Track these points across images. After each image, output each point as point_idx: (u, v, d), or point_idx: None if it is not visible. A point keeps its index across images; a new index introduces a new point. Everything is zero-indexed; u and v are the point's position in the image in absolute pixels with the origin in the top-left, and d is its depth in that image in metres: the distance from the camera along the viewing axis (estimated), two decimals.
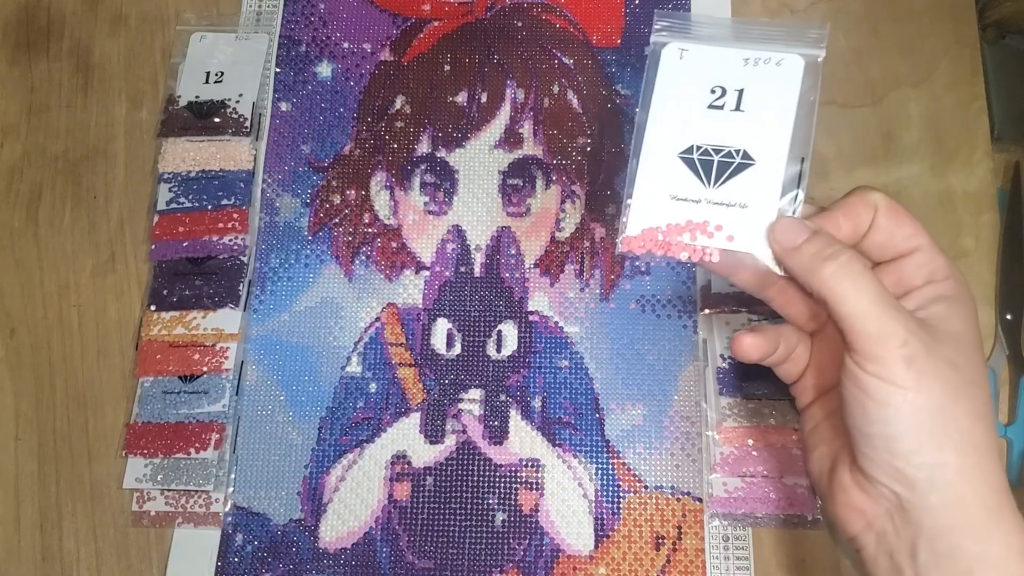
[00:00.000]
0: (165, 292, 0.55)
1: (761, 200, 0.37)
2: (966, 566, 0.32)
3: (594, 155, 0.57)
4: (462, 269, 0.55)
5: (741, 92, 0.38)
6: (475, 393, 0.53)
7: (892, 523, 0.34)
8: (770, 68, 0.38)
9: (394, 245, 0.56)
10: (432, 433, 0.52)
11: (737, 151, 0.37)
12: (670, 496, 0.51)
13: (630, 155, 0.38)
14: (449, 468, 0.51)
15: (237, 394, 0.53)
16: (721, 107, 0.38)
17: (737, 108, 0.37)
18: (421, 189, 0.57)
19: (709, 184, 0.37)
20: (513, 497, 0.51)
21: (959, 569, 0.32)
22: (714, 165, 0.37)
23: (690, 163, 0.38)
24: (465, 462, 0.52)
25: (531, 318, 0.54)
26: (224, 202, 0.56)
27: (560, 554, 0.50)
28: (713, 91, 0.38)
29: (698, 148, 0.38)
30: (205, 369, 0.53)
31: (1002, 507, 0.33)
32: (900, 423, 0.32)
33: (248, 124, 0.57)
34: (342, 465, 0.52)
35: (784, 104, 0.37)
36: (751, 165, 0.37)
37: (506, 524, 0.50)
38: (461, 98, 0.58)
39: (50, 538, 0.51)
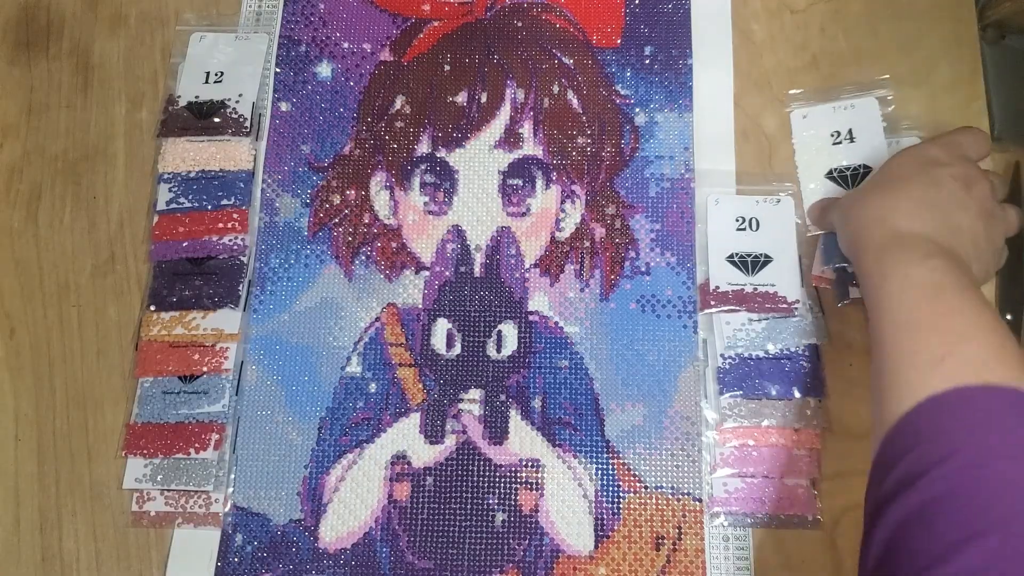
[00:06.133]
0: (165, 292, 0.55)
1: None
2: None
3: (594, 155, 0.57)
4: (462, 269, 0.55)
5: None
6: (475, 393, 0.53)
7: None
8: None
9: (394, 245, 0.56)
10: (432, 433, 0.52)
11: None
12: (670, 496, 0.51)
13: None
14: (449, 468, 0.51)
15: (237, 394, 0.53)
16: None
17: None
18: (421, 189, 0.57)
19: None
20: (513, 497, 0.51)
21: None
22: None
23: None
24: (465, 462, 0.51)
25: (531, 318, 0.54)
26: (224, 202, 0.56)
27: (560, 554, 0.50)
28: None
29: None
30: (205, 369, 0.53)
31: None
32: (836, 226, 0.51)
33: (248, 124, 0.57)
34: (342, 465, 0.52)
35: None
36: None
37: (506, 524, 0.50)
38: (461, 98, 0.58)
39: (50, 538, 0.51)
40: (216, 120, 0.57)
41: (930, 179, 0.47)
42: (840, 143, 0.55)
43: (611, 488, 0.51)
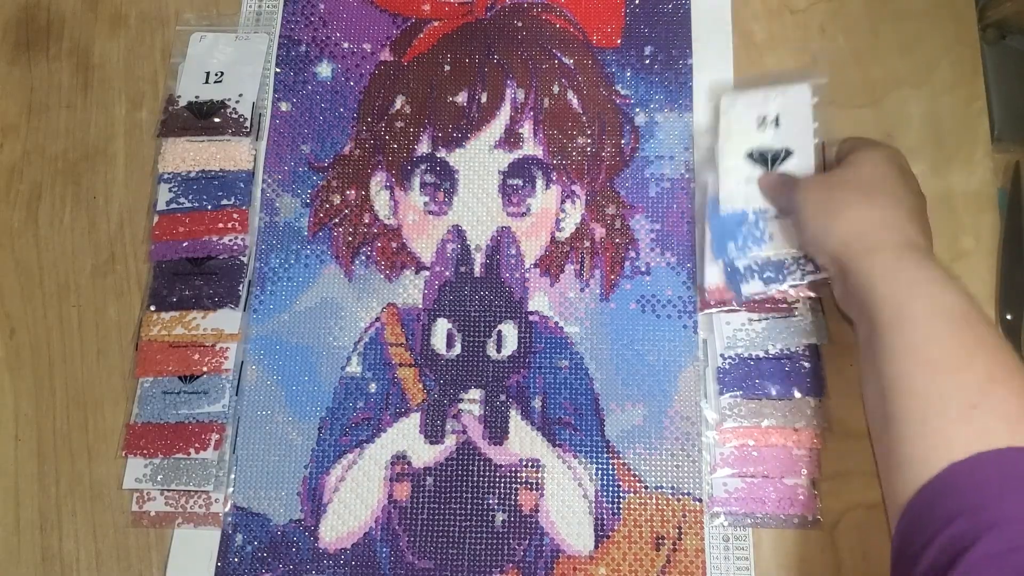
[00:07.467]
0: (165, 292, 0.55)
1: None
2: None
3: (594, 155, 0.57)
4: (462, 269, 0.55)
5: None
6: (475, 393, 0.53)
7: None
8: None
9: (394, 245, 0.56)
10: (432, 433, 0.52)
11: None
12: (670, 496, 0.51)
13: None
14: (449, 468, 0.51)
15: (237, 394, 0.53)
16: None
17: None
18: (421, 189, 0.57)
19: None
20: (513, 497, 0.51)
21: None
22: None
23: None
24: (465, 462, 0.51)
25: (531, 318, 0.54)
26: (224, 202, 0.56)
27: (560, 554, 0.50)
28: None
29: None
30: (205, 369, 0.53)
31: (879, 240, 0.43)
32: (803, 211, 0.47)
33: (248, 124, 0.57)
34: (342, 465, 0.52)
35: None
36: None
37: (506, 524, 0.50)
38: (461, 98, 0.58)
39: (50, 538, 0.51)
40: (216, 120, 0.57)
41: (914, 189, 0.46)
42: (765, 128, 0.53)
43: (611, 488, 0.51)
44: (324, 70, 0.60)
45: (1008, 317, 0.53)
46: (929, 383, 0.37)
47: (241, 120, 0.57)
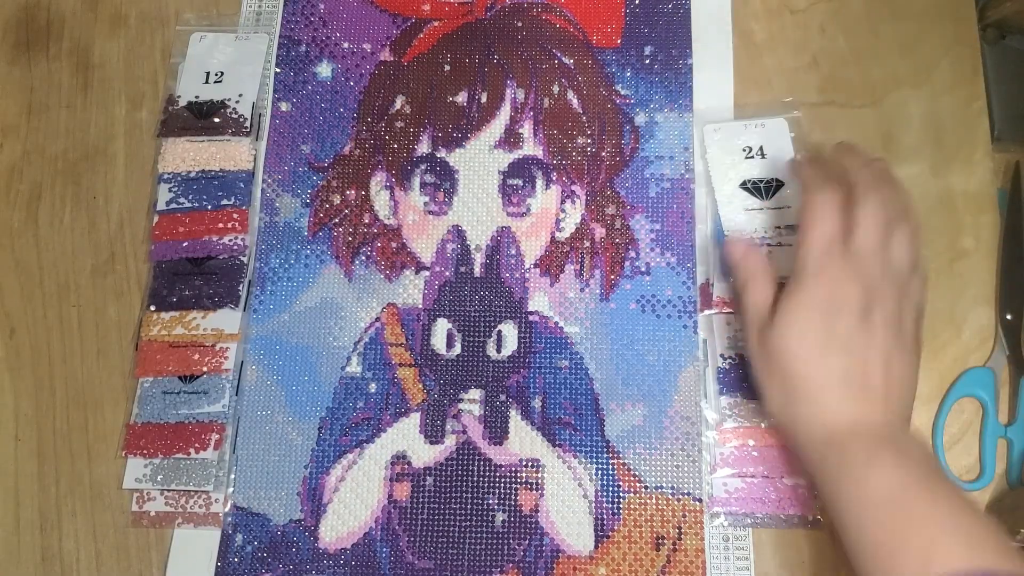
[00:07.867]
0: (165, 292, 0.55)
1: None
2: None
3: (594, 155, 0.57)
4: (462, 269, 0.55)
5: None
6: (475, 393, 0.53)
7: None
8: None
9: (394, 245, 0.56)
10: (432, 433, 0.52)
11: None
12: (670, 496, 0.51)
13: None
14: (449, 468, 0.51)
15: (237, 394, 0.53)
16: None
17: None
18: (421, 189, 0.57)
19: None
20: (513, 497, 0.51)
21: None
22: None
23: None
24: (465, 462, 0.51)
25: (531, 318, 0.54)
26: (224, 202, 0.56)
27: (560, 554, 0.50)
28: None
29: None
30: (205, 369, 0.53)
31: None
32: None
33: (248, 124, 0.57)
34: (342, 465, 0.52)
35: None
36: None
37: (506, 524, 0.50)
38: (461, 98, 0.58)
39: (50, 538, 0.51)
40: (216, 120, 0.57)
41: (836, 346, 0.43)
42: (752, 157, 0.56)
43: (611, 488, 0.51)
44: (324, 70, 0.60)
45: (1008, 317, 0.53)
46: (869, 565, 0.40)
47: (241, 120, 0.57)
